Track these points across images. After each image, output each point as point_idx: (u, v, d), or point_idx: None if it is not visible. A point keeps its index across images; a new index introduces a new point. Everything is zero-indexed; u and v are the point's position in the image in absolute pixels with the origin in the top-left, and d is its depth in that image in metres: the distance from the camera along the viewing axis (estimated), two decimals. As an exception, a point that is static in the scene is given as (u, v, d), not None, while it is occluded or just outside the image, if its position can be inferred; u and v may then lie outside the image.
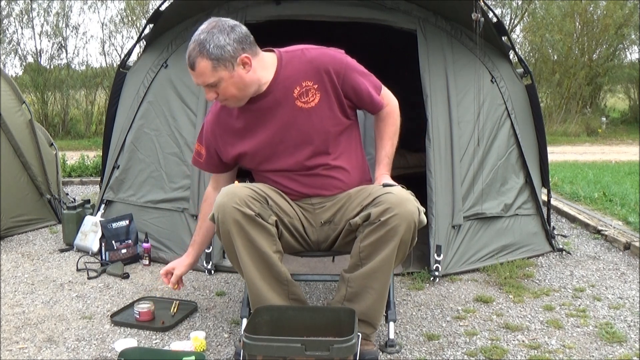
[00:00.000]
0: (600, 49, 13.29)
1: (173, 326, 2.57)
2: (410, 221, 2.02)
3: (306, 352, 1.81)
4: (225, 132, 2.27)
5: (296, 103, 2.14)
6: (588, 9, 13.07)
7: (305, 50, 2.18)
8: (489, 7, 3.26)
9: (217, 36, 2.01)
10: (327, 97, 2.15)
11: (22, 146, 4.16)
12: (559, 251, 3.67)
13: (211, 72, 2.02)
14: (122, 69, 3.82)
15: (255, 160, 2.26)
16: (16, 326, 2.58)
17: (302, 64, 2.15)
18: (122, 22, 12.42)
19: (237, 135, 2.24)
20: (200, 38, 2.02)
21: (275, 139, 2.19)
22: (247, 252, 2.08)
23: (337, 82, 2.14)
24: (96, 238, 3.59)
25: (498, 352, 2.31)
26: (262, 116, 2.18)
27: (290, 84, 2.14)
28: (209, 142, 2.33)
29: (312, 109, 2.14)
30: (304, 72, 2.14)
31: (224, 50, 2.01)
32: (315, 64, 2.14)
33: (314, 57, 2.15)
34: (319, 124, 2.16)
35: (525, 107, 3.67)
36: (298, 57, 2.16)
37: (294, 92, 2.14)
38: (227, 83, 2.05)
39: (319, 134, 2.17)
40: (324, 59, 2.15)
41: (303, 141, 2.17)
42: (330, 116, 2.17)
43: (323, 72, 2.13)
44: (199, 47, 2.01)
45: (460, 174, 3.27)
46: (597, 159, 8.83)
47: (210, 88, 2.07)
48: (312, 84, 2.14)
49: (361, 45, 2.79)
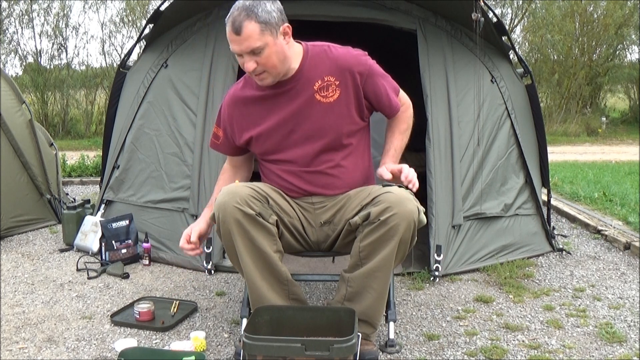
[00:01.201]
0: (600, 49, 13.29)
1: (173, 326, 2.57)
2: (409, 220, 2.02)
3: (306, 352, 1.81)
4: (242, 114, 2.26)
5: (315, 96, 2.16)
6: (588, 9, 13.07)
7: (332, 47, 2.21)
8: (489, 7, 3.26)
9: (264, 2, 2.03)
10: (346, 95, 2.17)
11: (22, 146, 4.16)
12: (559, 251, 3.67)
13: (258, 36, 2.01)
14: (122, 69, 3.82)
15: (265, 146, 2.24)
16: (16, 326, 2.58)
17: (328, 59, 2.17)
18: (122, 22, 12.43)
19: (251, 118, 2.24)
20: (246, 4, 2.02)
21: (288, 127, 2.19)
22: (248, 252, 2.08)
23: (359, 83, 2.16)
24: (96, 238, 3.59)
25: (498, 352, 2.31)
26: (279, 102, 2.19)
27: (312, 76, 2.16)
28: (226, 123, 2.32)
29: (330, 104, 2.16)
30: (327, 68, 2.16)
31: (271, 16, 2.03)
32: (340, 62, 2.16)
33: (340, 55, 2.18)
34: (333, 120, 2.17)
35: (525, 107, 3.68)
36: (324, 52, 2.19)
37: (315, 85, 2.16)
38: (270, 50, 2.04)
39: (332, 130, 2.18)
40: (349, 59, 2.17)
41: (314, 134, 2.18)
42: (347, 114, 2.18)
43: (347, 71, 2.15)
44: (246, 11, 2.01)
45: (460, 174, 3.27)
46: (597, 159, 8.83)
47: (251, 56, 2.04)
48: (334, 79, 2.16)
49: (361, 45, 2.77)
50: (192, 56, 3.45)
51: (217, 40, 3.38)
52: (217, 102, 3.33)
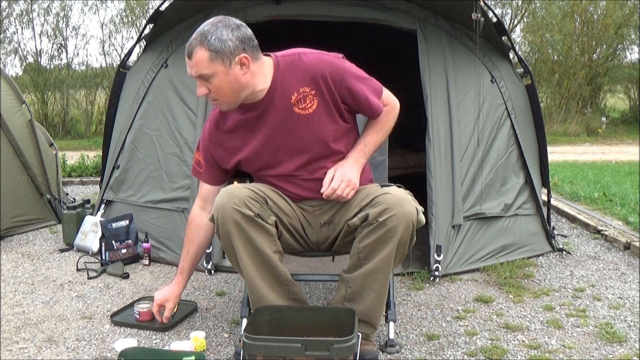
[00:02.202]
0: (600, 49, 13.30)
1: (173, 326, 2.57)
2: (408, 221, 2.02)
3: (306, 352, 1.81)
4: (224, 140, 2.25)
5: (294, 109, 2.12)
6: (588, 9, 13.07)
7: (302, 55, 2.15)
8: (489, 7, 3.26)
9: (221, 30, 2.00)
10: (324, 104, 2.13)
11: (22, 146, 4.16)
12: (559, 251, 3.67)
13: (207, 64, 2.00)
14: (122, 69, 3.81)
15: (255, 166, 2.25)
16: (16, 326, 2.58)
17: (299, 69, 2.12)
18: (122, 23, 12.43)
19: (235, 142, 2.23)
20: (203, 29, 2.01)
21: (275, 145, 2.17)
22: (247, 253, 2.08)
23: (333, 88, 2.11)
24: (96, 238, 3.59)
25: (498, 352, 2.31)
26: (260, 123, 2.17)
27: (287, 90, 2.12)
28: (207, 150, 2.31)
29: (310, 115, 2.13)
30: (301, 78, 2.12)
31: (224, 45, 1.99)
32: (311, 70, 2.11)
33: (311, 62, 2.12)
34: (317, 131, 2.14)
35: (525, 107, 3.68)
36: (295, 63, 2.13)
37: (292, 99, 2.12)
38: (220, 80, 2.02)
39: (318, 140, 2.15)
40: (321, 65, 2.12)
41: (302, 148, 2.16)
42: (329, 121, 2.15)
43: (320, 78, 2.10)
44: (201, 37, 2.00)
45: (460, 174, 3.27)
46: (597, 159, 8.83)
47: (202, 81, 2.04)
48: (310, 90, 2.11)
49: (361, 45, 2.79)
50: (192, 56, 3.44)
51: (217, 40, 3.38)
52: (217, 102, 3.33)
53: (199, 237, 2.39)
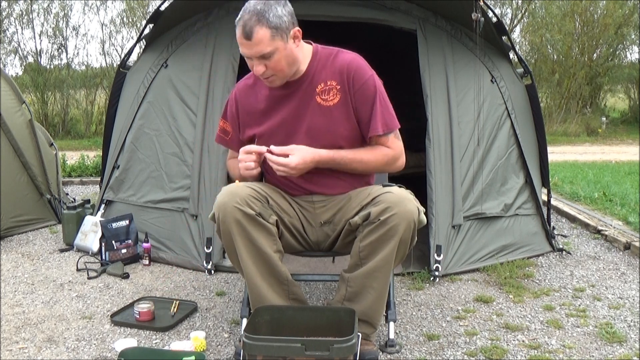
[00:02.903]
0: (600, 48, 13.29)
1: (173, 326, 2.57)
2: (409, 220, 2.02)
3: (306, 352, 1.81)
4: (248, 110, 2.27)
5: (316, 99, 2.16)
6: (588, 8, 13.06)
7: (340, 53, 2.21)
8: (489, 7, 3.26)
9: (275, 6, 2.02)
10: (345, 100, 2.16)
11: (22, 146, 4.16)
12: (559, 251, 3.67)
13: (269, 41, 2.01)
14: (122, 69, 3.82)
15: (267, 145, 2.20)
16: (16, 326, 2.58)
17: (333, 63, 2.18)
18: (122, 23, 12.43)
19: (257, 115, 2.25)
20: (257, 8, 2.01)
21: (289, 128, 2.19)
22: (248, 252, 2.08)
23: (354, 88, 2.15)
24: (96, 238, 3.59)
25: (498, 352, 2.31)
26: (283, 102, 2.19)
27: (317, 79, 2.17)
28: (234, 117, 2.32)
29: (330, 107, 2.16)
30: (331, 71, 2.17)
31: (281, 21, 2.02)
32: (342, 66, 2.16)
33: (345, 60, 2.18)
34: (332, 124, 2.17)
35: (525, 107, 3.68)
36: (332, 56, 2.19)
37: (317, 88, 2.17)
38: (280, 55, 2.05)
39: (330, 132, 2.17)
40: (353, 64, 2.17)
41: (313, 136, 2.17)
42: (345, 118, 2.17)
43: (346, 74, 2.15)
44: (257, 16, 1.99)
45: (460, 174, 3.27)
46: (597, 159, 8.83)
47: (261, 60, 2.04)
48: (336, 84, 2.16)
49: (361, 45, 2.77)
50: (192, 56, 3.45)
51: (217, 40, 3.38)
52: (217, 102, 3.34)
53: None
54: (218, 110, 3.32)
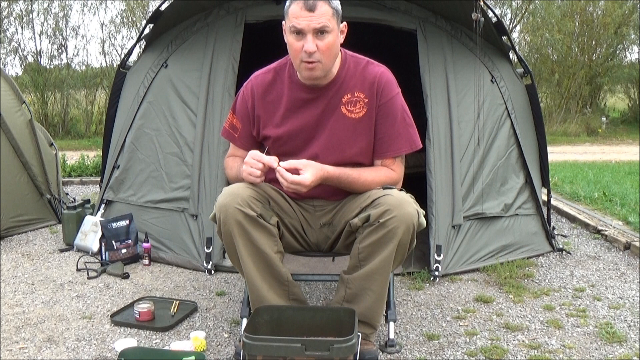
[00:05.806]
0: (600, 48, 13.29)
1: (173, 326, 2.57)
2: (409, 223, 2.02)
3: (306, 352, 1.81)
4: (267, 108, 2.21)
5: (341, 109, 2.14)
6: (588, 8, 13.06)
7: (370, 63, 2.19)
8: (489, 7, 3.26)
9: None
10: (370, 114, 2.15)
11: (22, 146, 4.16)
12: (559, 251, 3.67)
13: (330, 17, 2.02)
14: (122, 69, 3.81)
15: (282, 149, 2.19)
16: (16, 326, 2.58)
17: (363, 74, 2.15)
18: (122, 23, 12.42)
19: (275, 116, 2.19)
20: None
21: (308, 135, 2.16)
22: (248, 253, 2.08)
23: (377, 103, 2.15)
24: (96, 238, 3.59)
25: (498, 352, 2.31)
26: (305, 107, 2.16)
27: (344, 88, 2.14)
28: (247, 113, 2.24)
29: (356, 120, 2.14)
30: (360, 83, 2.14)
31: (339, 7, 2.07)
32: (372, 78, 2.14)
33: (376, 72, 2.16)
34: (353, 137, 2.15)
35: (525, 107, 3.67)
36: (361, 66, 2.17)
37: (344, 98, 2.14)
38: (333, 38, 2.04)
39: (350, 146, 2.16)
40: (383, 78, 2.16)
41: (332, 147, 2.15)
42: (368, 132, 2.16)
43: (376, 88, 2.14)
44: None
45: (460, 174, 3.27)
46: (597, 159, 8.83)
47: (315, 37, 2.01)
48: (364, 97, 2.14)
49: (361, 45, 2.77)
50: (192, 56, 3.45)
51: (217, 40, 3.38)
52: (217, 102, 3.34)
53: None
54: (218, 110, 3.33)
